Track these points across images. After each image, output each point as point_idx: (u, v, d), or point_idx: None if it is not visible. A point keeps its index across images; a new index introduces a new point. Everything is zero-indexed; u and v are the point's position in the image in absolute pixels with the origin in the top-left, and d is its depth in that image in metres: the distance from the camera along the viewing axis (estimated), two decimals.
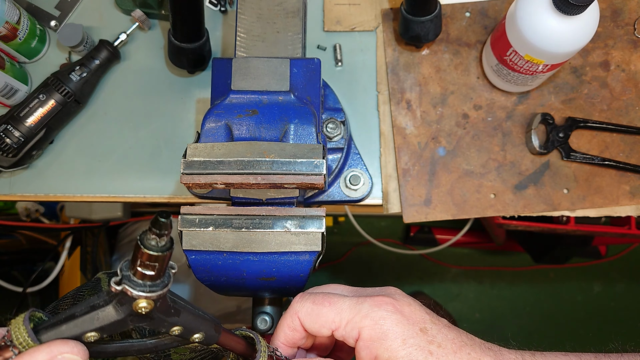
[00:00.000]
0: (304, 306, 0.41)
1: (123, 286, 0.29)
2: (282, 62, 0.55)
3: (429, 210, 0.69)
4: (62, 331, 0.30)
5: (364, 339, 0.39)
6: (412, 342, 0.38)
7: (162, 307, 0.31)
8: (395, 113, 0.71)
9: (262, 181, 0.47)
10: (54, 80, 0.67)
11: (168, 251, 0.29)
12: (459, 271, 1.70)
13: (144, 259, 0.28)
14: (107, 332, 0.31)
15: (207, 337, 0.36)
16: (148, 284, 0.29)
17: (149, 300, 0.29)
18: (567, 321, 1.68)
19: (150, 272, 0.29)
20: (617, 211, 0.69)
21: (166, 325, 0.33)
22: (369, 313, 0.39)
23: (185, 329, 0.34)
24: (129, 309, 0.30)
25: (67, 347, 0.30)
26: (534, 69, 0.62)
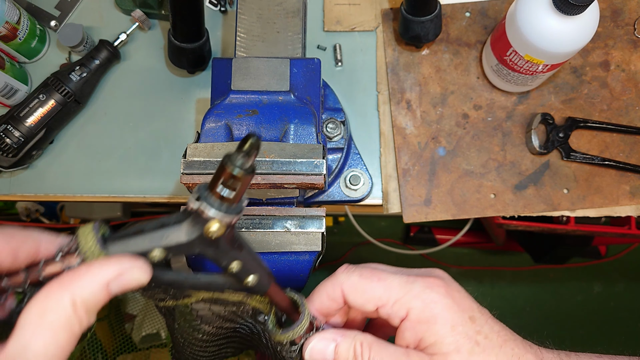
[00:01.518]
0: (350, 278, 0.39)
1: (200, 205, 0.28)
2: (282, 62, 0.55)
3: (429, 210, 0.69)
4: (130, 245, 0.29)
5: (412, 320, 0.37)
6: (461, 329, 0.37)
7: (229, 236, 0.31)
8: (395, 113, 0.71)
9: (262, 181, 0.47)
10: (54, 80, 0.67)
11: (251, 174, 0.28)
12: (459, 271, 1.70)
13: (227, 178, 0.28)
14: (172, 253, 0.30)
15: (260, 283, 0.35)
16: (224, 207, 0.28)
17: (222, 224, 0.29)
18: (567, 321, 1.68)
19: (230, 193, 0.28)
20: (617, 211, 0.69)
21: (227, 258, 0.32)
22: (420, 294, 0.38)
23: (243, 268, 0.33)
24: (199, 231, 0.29)
25: (136, 264, 0.29)
26: (534, 69, 0.61)
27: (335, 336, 0.39)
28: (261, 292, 0.37)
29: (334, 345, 0.38)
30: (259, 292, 0.37)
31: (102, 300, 0.28)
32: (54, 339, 0.26)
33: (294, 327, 0.38)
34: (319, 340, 0.39)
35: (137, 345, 1.01)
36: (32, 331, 0.26)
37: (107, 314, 1.03)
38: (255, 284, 0.35)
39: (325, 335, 0.39)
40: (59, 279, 0.28)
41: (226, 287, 0.35)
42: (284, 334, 0.38)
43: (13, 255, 0.30)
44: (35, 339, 0.26)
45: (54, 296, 0.27)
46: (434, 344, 0.36)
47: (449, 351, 0.36)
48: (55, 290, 0.27)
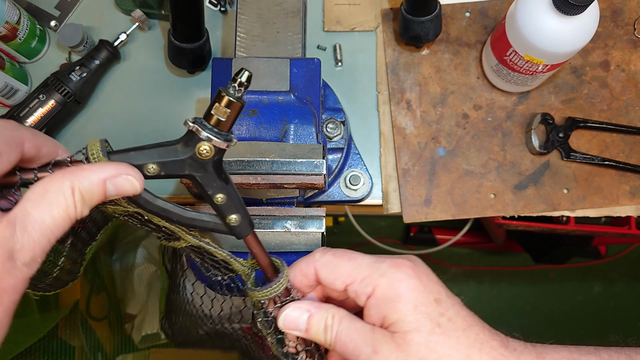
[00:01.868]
0: (323, 257, 0.40)
1: (194, 125, 0.33)
2: (282, 62, 0.55)
3: (429, 210, 0.69)
4: (129, 157, 0.34)
5: (377, 297, 0.38)
6: (424, 310, 0.37)
7: (217, 163, 0.35)
8: (395, 113, 0.71)
9: (262, 181, 0.47)
10: (54, 80, 0.67)
11: (241, 102, 0.33)
12: (459, 271, 1.70)
13: (221, 102, 0.33)
14: (166, 170, 0.34)
15: (242, 225, 0.37)
16: (215, 130, 0.33)
17: (212, 145, 0.33)
18: (567, 321, 1.68)
19: (222, 117, 0.33)
20: (617, 211, 0.69)
21: (214, 187, 0.35)
22: (386, 272, 0.38)
23: (228, 202, 0.36)
24: (192, 151, 0.33)
25: (132, 171, 0.33)
26: (534, 69, 0.62)
27: (310, 307, 0.40)
28: (242, 235, 0.38)
29: (308, 315, 0.39)
30: (240, 234, 0.38)
31: (97, 195, 0.32)
32: (50, 213, 0.30)
33: (272, 285, 0.39)
34: (294, 308, 0.40)
35: (137, 345, 1.01)
36: (34, 202, 0.30)
37: (107, 314, 1.03)
38: (237, 225, 0.37)
39: (300, 305, 0.40)
40: (64, 169, 0.33)
41: (211, 226, 0.38)
42: (261, 291, 0.39)
43: (36, 149, 0.34)
44: (35, 209, 0.30)
45: (56, 181, 0.31)
46: (396, 322, 0.37)
47: (410, 330, 0.36)
48: (59, 176, 0.31)
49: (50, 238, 0.30)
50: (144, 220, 0.39)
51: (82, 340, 0.97)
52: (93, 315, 1.05)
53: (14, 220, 0.29)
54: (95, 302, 0.99)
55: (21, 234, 0.29)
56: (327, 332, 0.39)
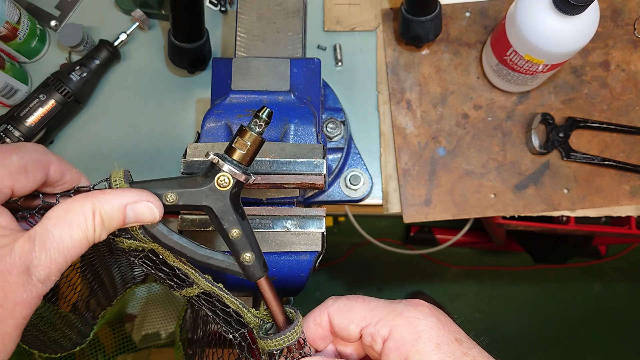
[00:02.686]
0: (337, 301, 0.39)
1: (215, 157, 0.34)
2: (282, 62, 0.55)
3: (429, 210, 0.69)
4: (150, 185, 0.35)
5: (395, 339, 0.36)
6: (446, 349, 0.35)
7: (235, 196, 0.35)
8: (395, 113, 0.71)
9: (262, 181, 0.47)
10: (54, 80, 0.67)
11: (261, 137, 0.35)
12: (459, 271, 1.70)
13: (243, 137, 0.34)
14: (184, 199, 0.35)
15: (255, 264, 0.37)
16: (235, 162, 0.34)
17: (230, 177, 0.34)
18: (567, 321, 1.68)
19: (243, 150, 0.34)
20: (617, 211, 0.69)
21: (230, 221, 0.35)
22: (403, 312, 0.37)
23: (242, 238, 0.36)
24: (211, 182, 0.34)
25: (152, 198, 0.34)
26: (534, 69, 0.61)
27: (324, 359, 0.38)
28: (256, 277, 0.37)
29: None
30: (253, 275, 0.37)
31: (117, 219, 0.33)
32: (69, 233, 0.31)
33: (285, 332, 0.37)
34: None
35: (137, 345, 1.01)
36: (55, 221, 0.31)
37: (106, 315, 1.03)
38: (251, 264, 0.37)
39: (314, 359, 0.38)
40: (87, 193, 0.33)
41: (225, 265, 0.37)
42: (274, 339, 0.37)
43: (61, 173, 0.35)
44: (55, 227, 0.31)
45: (78, 202, 0.32)
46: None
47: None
48: (81, 198, 0.32)
49: (67, 258, 0.31)
50: (158, 262, 0.38)
51: None
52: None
53: (34, 236, 0.30)
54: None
55: (39, 250, 0.29)
56: None
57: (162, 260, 0.38)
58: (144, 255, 0.38)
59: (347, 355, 0.42)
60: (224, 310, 0.40)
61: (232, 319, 0.40)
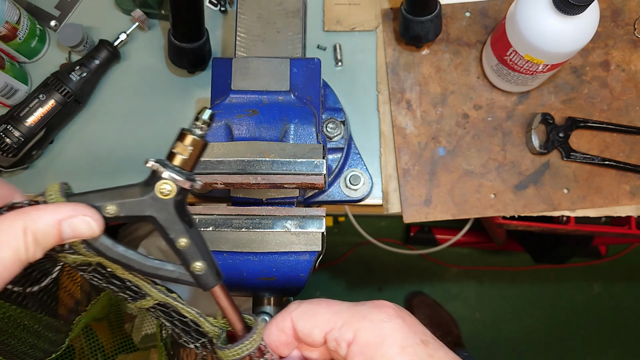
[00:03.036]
0: (300, 306, 0.38)
1: (156, 164, 0.32)
2: (282, 62, 0.55)
3: (429, 210, 0.69)
4: (88, 198, 0.33)
5: (359, 343, 0.35)
6: (412, 351, 0.34)
7: (179, 204, 0.33)
8: (395, 113, 0.71)
9: (262, 181, 0.47)
10: (54, 80, 0.67)
11: (204, 140, 0.33)
12: (459, 271, 1.70)
13: (184, 141, 0.33)
14: (125, 211, 0.33)
15: (207, 275, 0.35)
16: (177, 168, 0.33)
17: (174, 185, 0.32)
18: (567, 321, 1.68)
19: (185, 155, 0.33)
20: (617, 211, 0.69)
21: (176, 230, 0.33)
22: (367, 314, 0.36)
23: (192, 247, 0.34)
24: (152, 191, 0.33)
25: (89, 212, 0.32)
26: (534, 68, 0.61)
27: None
28: (208, 286, 0.36)
29: None
30: (206, 284, 0.36)
31: (52, 237, 0.31)
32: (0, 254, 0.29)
33: (243, 341, 0.36)
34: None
35: (137, 345, 1.01)
36: None
37: (107, 314, 1.03)
38: (202, 273, 0.35)
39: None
40: (18, 209, 0.31)
41: (175, 275, 0.35)
42: (231, 349, 0.36)
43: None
44: None
45: (8, 220, 0.30)
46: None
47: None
48: (12, 216, 0.30)
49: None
50: (107, 275, 0.37)
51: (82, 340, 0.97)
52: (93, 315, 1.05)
53: None
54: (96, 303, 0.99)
55: None
56: None
57: (111, 273, 0.37)
58: (92, 269, 0.37)
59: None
60: (182, 320, 0.39)
61: (191, 329, 0.39)
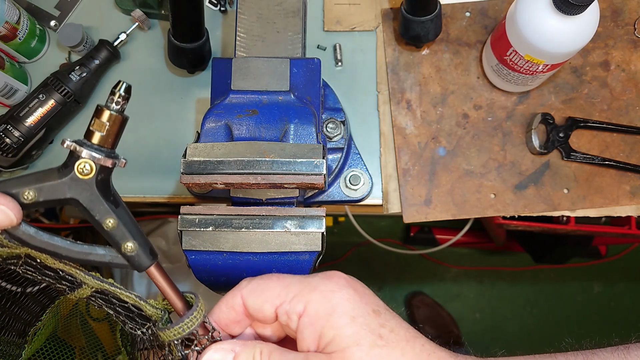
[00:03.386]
0: (250, 283, 0.36)
1: (72, 144, 0.31)
2: (282, 62, 0.55)
3: (429, 210, 0.69)
4: (3, 185, 0.31)
5: (309, 314, 0.34)
6: (362, 321, 0.33)
7: (102, 183, 0.32)
8: (395, 113, 0.70)
9: (262, 181, 0.47)
10: (54, 80, 0.67)
11: (122, 115, 0.32)
12: (459, 271, 1.70)
13: (100, 117, 0.32)
14: (44, 195, 0.31)
15: (140, 255, 0.34)
16: (95, 146, 0.32)
17: (93, 163, 0.31)
18: (567, 321, 1.68)
19: (102, 132, 0.32)
20: (617, 211, 0.69)
21: (101, 210, 0.32)
22: (318, 285, 0.34)
23: (120, 227, 0.33)
24: (71, 171, 0.31)
25: (4, 200, 0.30)
26: (534, 68, 0.61)
27: (233, 346, 0.35)
28: (143, 267, 0.34)
29: (232, 355, 0.35)
30: (140, 265, 0.34)
31: None
32: None
33: (182, 319, 0.34)
34: (216, 350, 0.35)
35: None
36: None
37: (107, 314, 1.03)
38: (135, 253, 0.34)
39: (222, 346, 0.35)
40: None
41: (107, 259, 0.34)
42: (171, 329, 0.34)
43: None
44: None
45: None
46: (333, 339, 0.33)
47: (348, 345, 0.32)
48: None
49: None
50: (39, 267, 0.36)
51: (82, 341, 0.97)
52: (93, 315, 1.05)
53: None
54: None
55: None
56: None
57: (42, 264, 0.35)
58: (23, 262, 0.35)
59: (266, 337, 0.39)
60: (123, 306, 0.37)
61: (134, 313, 0.38)
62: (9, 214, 0.30)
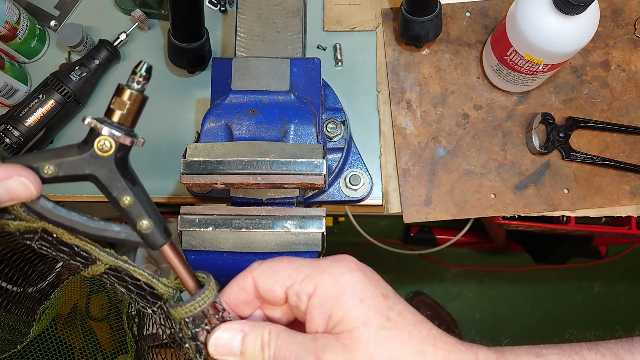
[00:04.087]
0: (261, 265, 0.37)
1: (93, 120, 0.31)
2: (282, 62, 0.55)
3: (429, 210, 0.68)
4: (24, 159, 0.32)
5: (319, 295, 0.34)
6: (371, 303, 0.34)
7: (121, 161, 0.33)
8: (395, 113, 0.70)
9: (262, 181, 0.47)
10: (54, 80, 0.67)
11: (142, 95, 0.33)
12: (459, 271, 1.70)
13: (120, 95, 0.32)
14: (64, 170, 0.32)
15: (154, 233, 0.34)
16: (115, 124, 0.32)
17: (113, 140, 0.32)
18: (567, 321, 1.68)
19: (123, 110, 0.32)
20: (617, 211, 0.69)
21: (119, 188, 0.33)
22: (328, 267, 0.35)
23: (136, 205, 0.33)
24: (91, 148, 0.32)
25: (25, 172, 0.30)
26: (535, 68, 0.61)
27: (243, 326, 0.36)
28: (157, 244, 0.35)
29: (241, 335, 0.35)
30: (154, 243, 0.35)
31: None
32: None
33: (194, 298, 0.35)
34: (225, 330, 0.36)
35: None
36: None
37: (107, 315, 1.03)
38: (150, 232, 0.34)
39: (232, 325, 0.36)
40: None
41: (122, 236, 0.34)
42: (183, 307, 0.35)
43: None
44: None
45: None
46: (342, 319, 0.33)
47: (357, 325, 0.33)
48: None
49: None
50: (55, 242, 0.36)
51: (81, 340, 0.97)
52: (93, 315, 1.05)
53: None
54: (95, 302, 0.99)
55: None
56: (265, 350, 0.35)
57: (58, 240, 0.36)
58: (39, 237, 0.36)
59: (275, 319, 0.40)
60: (135, 284, 0.38)
61: (146, 292, 0.38)
62: (29, 186, 0.31)
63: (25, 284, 0.49)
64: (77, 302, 0.80)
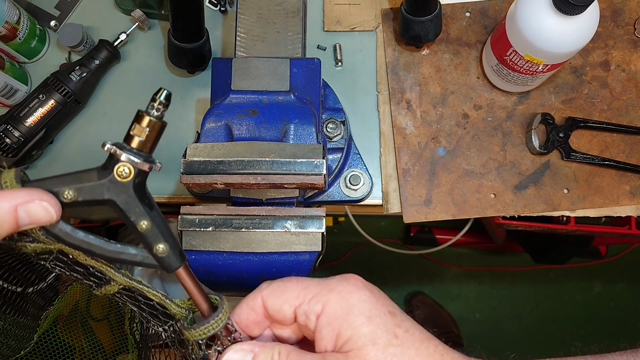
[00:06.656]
0: (270, 285, 0.38)
1: (113, 147, 0.32)
2: (282, 62, 0.55)
3: (429, 210, 0.69)
4: (44, 184, 0.32)
5: (327, 314, 0.35)
6: (378, 321, 0.34)
7: (139, 186, 0.33)
8: (395, 113, 0.71)
9: (262, 181, 0.47)
10: (54, 80, 0.67)
11: (161, 121, 0.34)
12: (459, 271, 1.70)
13: (141, 123, 0.33)
14: (83, 195, 0.33)
15: (170, 255, 0.35)
16: (135, 150, 0.33)
17: (132, 167, 0.32)
18: (567, 321, 1.68)
19: (142, 137, 0.33)
20: (617, 211, 0.69)
21: (136, 212, 0.33)
22: (335, 286, 0.36)
23: (153, 229, 0.34)
24: (111, 174, 0.32)
25: (46, 196, 0.31)
26: (534, 69, 0.61)
27: (253, 347, 0.37)
28: (172, 268, 0.36)
29: (252, 356, 0.36)
30: (170, 266, 0.35)
31: (8, 223, 0.30)
32: None
33: (208, 320, 0.36)
34: (235, 351, 0.36)
35: None
36: None
37: (107, 314, 1.03)
38: (165, 255, 0.35)
39: (242, 346, 0.37)
40: None
41: (139, 259, 0.35)
42: (197, 329, 0.36)
43: None
44: None
45: None
46: (350, 338, 0.34)
47: (365, 344, 0.34)
48: None
49: None
50: (70, 263, 0.37)
51: (82, 341, 0.97)
52: (93, 315, 1.05)
53: None
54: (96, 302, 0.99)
55: None
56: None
57: (73, 260, 0.36)
58: (54, 258, 0.36)
59: (284, 339, 0.40)
60: (148, 304, 0.39)
61: (158, 311, 0.39)
62: (50, 211, 0.31)
63: (26, 284, 0.49)
64: (77, 302, 0.80)
